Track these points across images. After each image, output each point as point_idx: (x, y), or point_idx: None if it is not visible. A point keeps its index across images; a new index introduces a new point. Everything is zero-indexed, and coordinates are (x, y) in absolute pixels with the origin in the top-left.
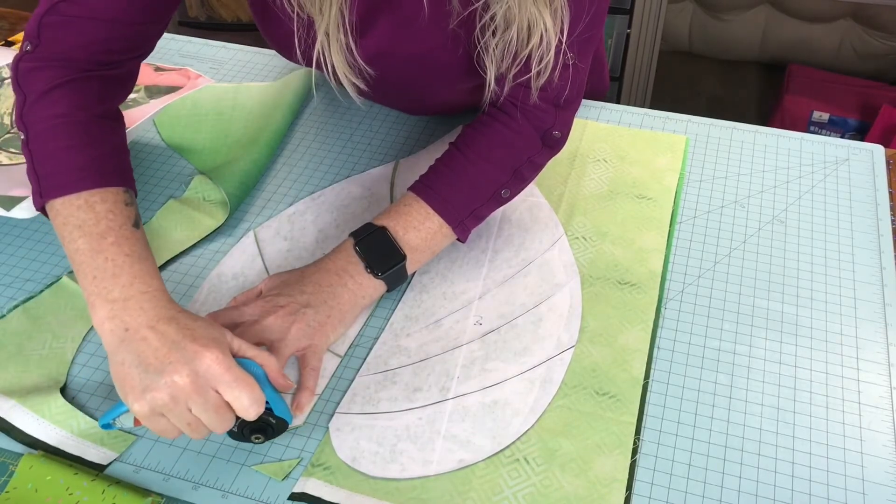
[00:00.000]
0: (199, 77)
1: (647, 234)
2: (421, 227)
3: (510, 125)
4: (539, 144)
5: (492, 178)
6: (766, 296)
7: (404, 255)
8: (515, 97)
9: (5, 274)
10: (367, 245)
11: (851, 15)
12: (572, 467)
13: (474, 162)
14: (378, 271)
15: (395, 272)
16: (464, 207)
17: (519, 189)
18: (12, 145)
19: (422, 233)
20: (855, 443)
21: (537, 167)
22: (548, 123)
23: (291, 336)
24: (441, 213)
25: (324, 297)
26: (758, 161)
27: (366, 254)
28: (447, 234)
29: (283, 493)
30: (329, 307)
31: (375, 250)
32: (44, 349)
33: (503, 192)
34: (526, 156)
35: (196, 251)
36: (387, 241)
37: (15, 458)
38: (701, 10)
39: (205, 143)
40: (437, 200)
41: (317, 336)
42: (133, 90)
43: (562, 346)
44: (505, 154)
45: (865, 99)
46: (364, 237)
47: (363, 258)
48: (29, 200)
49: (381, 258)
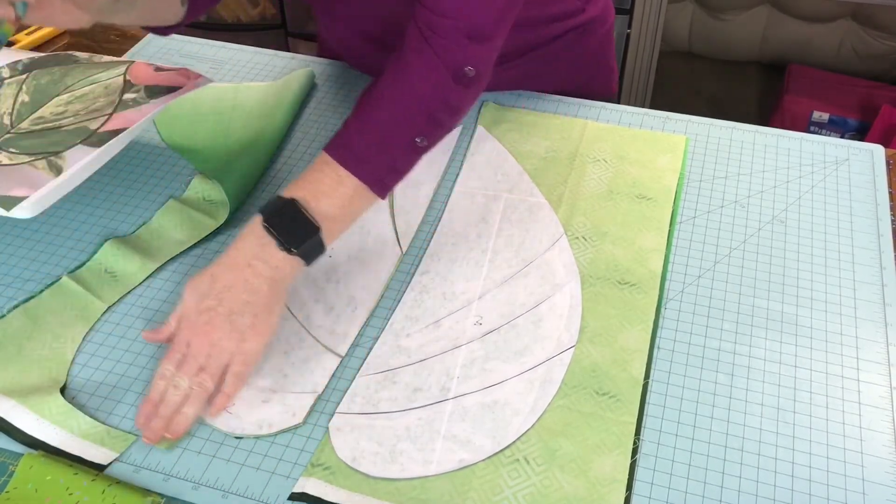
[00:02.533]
0: (199, 77)
1: (647, 234)
2: (334, 194)
3: (419, 64)
4: (451, 83)
5: (405, 126)
6: (766, 296)
7: (318, 226)
8: (424, 26)
9: (5, 274)
10: (277, 221)
11: (851, 15)
12: (572, 467)
13: (385, 109)
14: (292, 247)
15: (309, 245)
16: (380, 164)
17: (438, 136)
18: (12, 145)
19: (335, 199)
20: (855, 443)
21: (455, 110)
22: (458, 58)
23: (223, 344)
24: (356, 174)
25: (243, 297)
26: (758, 161)
27: (277, 231)
28: (365, 196)
29: (284, 493)
30: (252, 306)
31: (286, 226)
32: (44, 349)
33: (419, 140)
34: (439, 97)
35: (196, 251)
36: (297, 213)
37: (15, 458)
38: (701, 10)
39: (205, 143)
40: (351, 160)
41: (248, 338)
42: (133, 90)
43: (562, 346)
44: (415, 98)
45: (865, 99)
46: (272, 213)
47: (274, 236)
48: (29, 200)
49: (293, 233)
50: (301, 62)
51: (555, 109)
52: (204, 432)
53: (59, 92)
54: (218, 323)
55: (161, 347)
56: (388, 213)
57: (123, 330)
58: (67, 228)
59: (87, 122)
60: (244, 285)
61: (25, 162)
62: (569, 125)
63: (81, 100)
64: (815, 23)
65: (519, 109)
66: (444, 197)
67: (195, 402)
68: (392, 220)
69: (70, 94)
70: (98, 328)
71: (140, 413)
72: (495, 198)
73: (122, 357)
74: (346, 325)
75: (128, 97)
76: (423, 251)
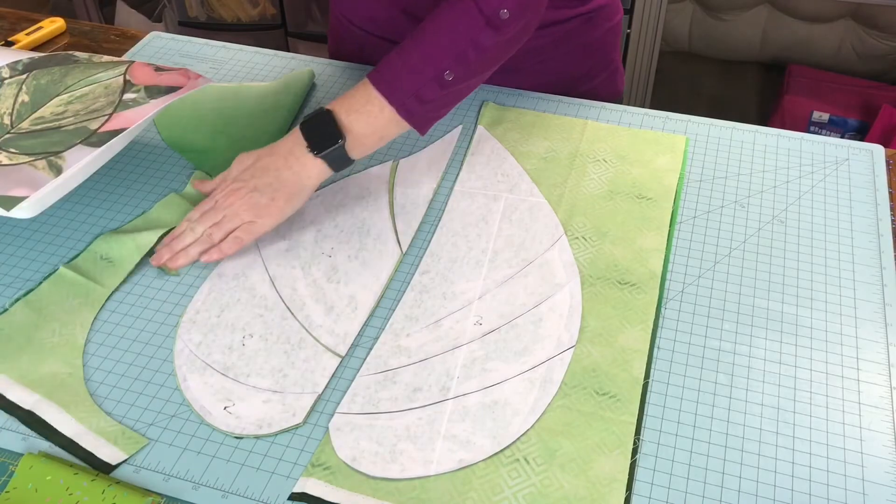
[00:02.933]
0: (199, 77)
1: (647, 234)
2: (363, 111)
3: (455, 5)
4: (482, 24)
5: (435, 59)
6: (766, 296)
7: (344, 136)
8: None
9: (5, 274)
10: (311, 126)
11: (851, 15)
12: (572, 467)
13: (419, 42)
14: (316, 151)
15: (333, 153)
16: (405, 88)
17: (466, 73)
18: (12, 145)
19: (364, 116)
20: (855, 443)
21: (483, 49)
22: (494, 2)
23: (241, 212)
24: (385, 95)
25: (269, 180)
26: (758, 161)
27: (308, 134)
28: (392, 118)
29: (284, 493)
30: (273, 189)
31: (317, 131)
32: (53, 337)
33: (446, 75)
34: (469, 36)
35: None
36: (329, 122)
37: (15, 458)
38: (701, 10)
39: (205, 142)
40: (381, 82)
41: (261, 215)
42: (133, 90)
43: (562, 346)
44: (447, 34)
45: (865, 99)
46: (309, 119)
47: (306, 139)
48: (29, 200)
49: (321, 139)
50: (301, 62)
51: (555, 109)
52: (204, 432)
53: (59, 92)
54: (242, 194)
55: (169, 337)
56: (388, 213)
57: (131, 321)
58: (67, 228)
59: (87, 122)
60: (275, 172)
61: (25, 162)
62: (569, 125)
63: (81, 100)
64: (815, 23)
65: (519, 109)
66: (444, 197)
67: (199, 246)
68: (392, 220)
69: (70, 94)
70: (105, 318)
71: (162, 243)
72: (495, 198)
73: (130, 347)
74: (347, 325)
75: (128, 97)
76: (423, 251)
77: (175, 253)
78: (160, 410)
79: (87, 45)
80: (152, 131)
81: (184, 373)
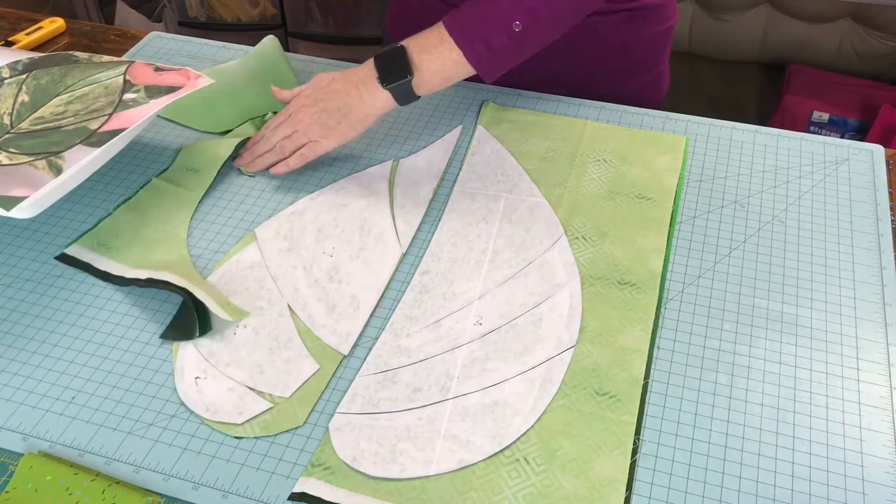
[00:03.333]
0: (199, 77)
1: (647, 234)
2: (434, 51)
3: None
4: None
5: (505, 8)
6: (766, 296)
7: (412, 73)
8: None
9: (5, 274)
10: (384, 59)
11: (851, 15)
12: (572, 467)
13: None
14: (385, 83)
15: (400, 87)
16: (475, 34)
17: (535, 26)
18: (12, 145)
19: (434, 55)
20: (855, 443)
21: (554, 4)
22: None
23: (310, 129)
24: (455, 39)
25: (339, 104)
26: (758, 161)
27: (380, 66)
28: (459, 61)
29: (284, 493)
30: (341, 114)
31: (389, 65)
32: (157, 233)
33: (515, 25)
34: None
35: (196, 251)
36: (401, 58)
37: (15, 458)
38: (701, 10)
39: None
40: (454, 25)
41: (327, 136)
42: (133, 90)
43: (562, 346)
44: None
45: (865, 99)
46: (384, 52)
47: (377, 70)
48: (29, 200)
49: (390, 72)
50: (301, 62)
51: (555, 109)
52: (204, 432)
53: (59, 92)
54: (313, 111)
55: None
56: (389, 213)
57: (131, 321)
58: (67, 228)
59: (87, 122)
60: (345, 98)
61: (25, 162)
62: (569, 125)
63: (81, 100)
64: (815, 23)
65: (519, 109)
66: (444, 197)
67: (272, 156)
68: (392, 220)
69: (70, 94)
70: (105, 318)
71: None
72: (495, 198)
73: (130, 347)
74: (349, 325)
75: (128, 97)
76: (423, 251)
77: (254, 157)
78: (160, 410)
79: (87, 45)
80: (152, 131)
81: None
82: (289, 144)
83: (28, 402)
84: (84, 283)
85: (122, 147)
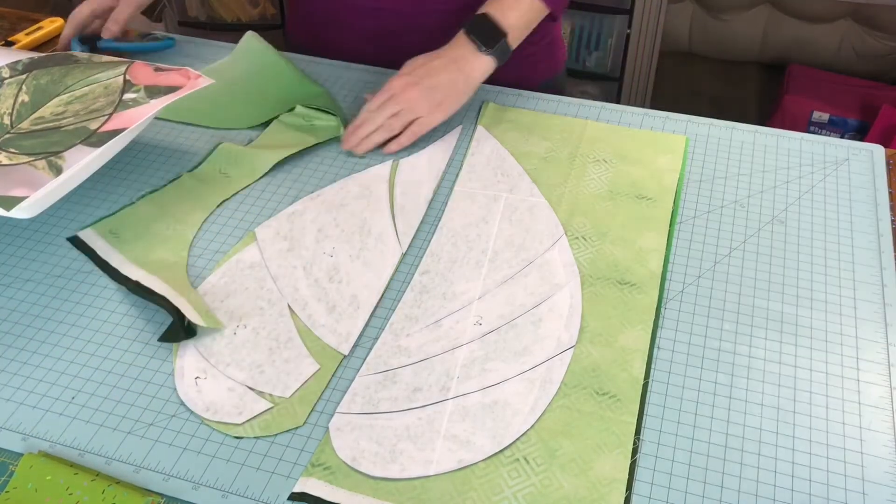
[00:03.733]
0: (199, 77)
1: (647, 234)
2: (517, 7)
3: None
4: None
5: None
6: (766, 296)
7: (505, 32)
8: None
9: (5, 274)
10: (475, 29)
11: (851, 15)
12: (572, 467)
13: None
14: (486, 48)
15: (500, 47)
16: None
17: None
18: (12, 145)
19: (517, 12)
20: (855, 443)
21: None
22: None
23: (417, 106)
24: None
25: (443, 80)
26: (758, 161)
27: (476, 36)
28: (538, 9)
29: (283, 493)
30: (447, 88)
31: (483, 32)
32: (167, 230)
33: None
34: None
35: (196, 251)
36: (490, 22)
37: (15, 458)
38: (701, 10)
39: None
40: None
41: (434, 111)
42: (133, 90)
43: (562, 346)
44: None
45: (865, 99)
46: (472, 25)
47: (473, 41)
48: (29, 200)
49: (488, 38)
50: (301, 62)
51: (555, 109)
52: (204, 432)
53: (59, 92)
54: (421, 87)
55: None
56: (389, 213)
57: (131, 320)
58: (67, 228)
59: (87, 122)
60: (447, 74)
61: (25, 162)
62: (569, 125)
63: (81, 100)
64: (815, 23)
65: (519, 109)
66: (444, 197)
67: (380, 135)
68: (392, 220)
69: (70, 94)
70: (105, 318)
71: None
72: (495, 198)
73: (130, 347)
74: (349, 325)
75: (128, 97)
76: (422, 251)
77: (360, 139)
78: (160, 410)
79: None
80: (152, 131)
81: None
82: (396, 122)
83: (28, 402)
84: (84, 284)
85: (122, 147)
